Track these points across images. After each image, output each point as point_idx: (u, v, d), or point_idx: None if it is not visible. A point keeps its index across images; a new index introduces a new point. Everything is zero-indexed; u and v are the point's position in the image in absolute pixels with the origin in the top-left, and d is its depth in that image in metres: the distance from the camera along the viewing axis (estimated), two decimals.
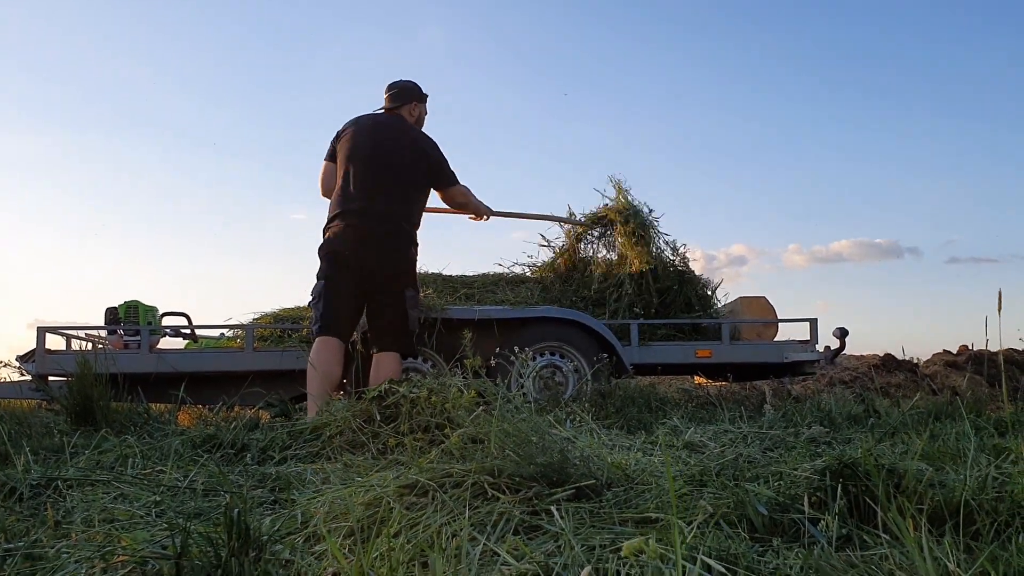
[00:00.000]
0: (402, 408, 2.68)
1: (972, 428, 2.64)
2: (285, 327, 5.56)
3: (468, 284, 5.94)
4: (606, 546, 1.41)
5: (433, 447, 2.19)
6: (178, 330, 6.12)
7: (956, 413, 3.57)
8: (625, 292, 5.66)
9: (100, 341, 5.69)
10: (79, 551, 1.36)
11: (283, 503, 1.93)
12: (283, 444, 2.82)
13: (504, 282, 6.06)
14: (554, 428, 2.38)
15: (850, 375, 6.58)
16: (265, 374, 5.07)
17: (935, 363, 6.94)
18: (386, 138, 4.30)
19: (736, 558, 1.27)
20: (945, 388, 5.89)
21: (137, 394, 4.54)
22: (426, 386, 2.70)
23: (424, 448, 2.30)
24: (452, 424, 2.40)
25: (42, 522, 1.70)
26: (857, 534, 1.44)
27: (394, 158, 4.25)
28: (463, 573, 1.14)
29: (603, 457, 2.09)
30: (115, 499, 1.96)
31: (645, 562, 1.18)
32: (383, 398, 2.80)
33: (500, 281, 6.07)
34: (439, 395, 2.61)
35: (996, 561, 1.19)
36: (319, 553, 1.40)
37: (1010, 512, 1.48)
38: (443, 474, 1.82)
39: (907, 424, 3.19)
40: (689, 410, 4.15)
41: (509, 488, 1.74)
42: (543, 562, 1.28)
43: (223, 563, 1.18)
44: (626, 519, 1.60)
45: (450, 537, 1.39)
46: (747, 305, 5.96)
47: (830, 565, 1.24)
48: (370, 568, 1.11)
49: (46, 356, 5.05)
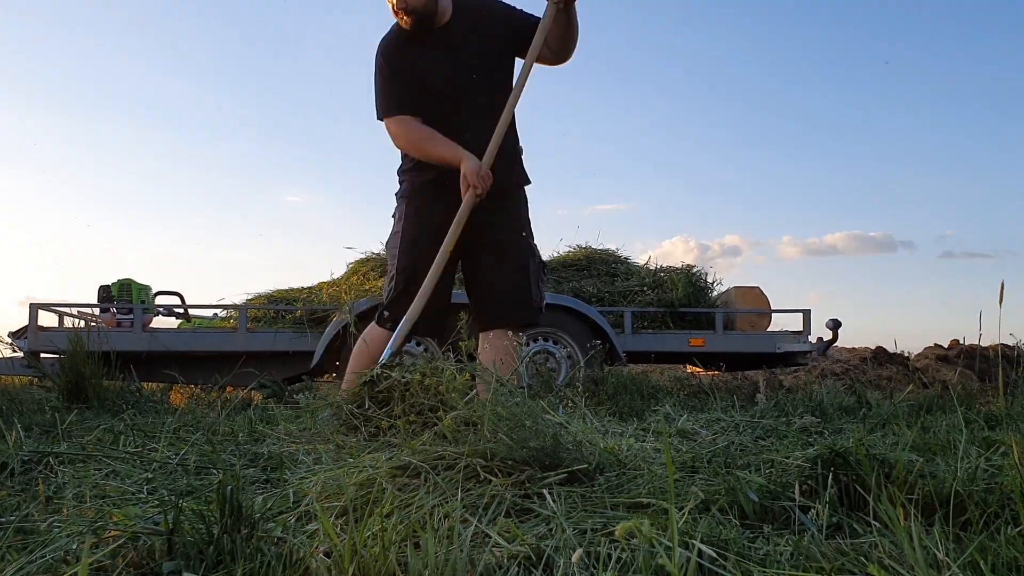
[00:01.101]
0: (395, 392, 2.67)
1: (963, 421, 2.65)
2: (279, 308, 5.55)
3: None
4: (598, 530, 1.41)
5: (426, 429, 2.19)
6: (171, 309, 6.11)
7: (947, 406, 3.58)
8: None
9: (93, 319, 5.68)
10: (70, 526, 1.36)
11: (275, 483, 1.93)
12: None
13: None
14: (547, 413, 2.39)
15: (841, 367, 6.60)
16: (258, 355, 5.07)
17: (926, 357, 6.97)
18: None
19: (727, 544, 1.28)
20: (936, 382, 5.92)
21: (129, 373, 4.54)
22: (419, 370, 2.69)
23: (417, 431, 2.30)
24: (445, 407, 2.40)
25: (33, 497, 1.70)
26: (847, 522, 1.45)
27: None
28: (455, 554, 1.14)
29: (595, 442, 2.10)
30: (106, 476, 1.96)
31: (637, 546, 1.19)
32: (375, 382, 2.79)
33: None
34: (432, 378, 2.60)
35: (985, 551, 1.19)
36: (311, 532, 1.40)
37: (1000, 503, 1.49)
38: (436, 456, 1.82)
39: (898, 416, 3.20)
40: (681, 398, 4.15)
41: (502, 471, 1.74)
42: (535, 544, 1.28)
43: (215, 540, 1.18)
44: (618, 504, 1.60)
45: (442, 518, 1.40)
46: (741, 295, 5.98)
47: (820, 552, 1.25)
48: (362, 547, 1.11)
49: (38, 333, 5.04)
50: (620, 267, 6.38)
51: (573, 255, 6.57)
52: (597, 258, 6.45)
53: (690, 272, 6.13)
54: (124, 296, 5.82)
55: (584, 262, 6.38)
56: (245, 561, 1.13)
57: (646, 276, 6.21)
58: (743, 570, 1.17)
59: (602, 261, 6.43)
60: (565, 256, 6.58)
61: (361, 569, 1.08)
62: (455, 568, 1.11)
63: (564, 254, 6.64)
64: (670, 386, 4.99)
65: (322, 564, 1.10)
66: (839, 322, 5.52)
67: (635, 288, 6.00)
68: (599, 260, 6.42)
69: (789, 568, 1.19)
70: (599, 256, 6.48)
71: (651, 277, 6.19)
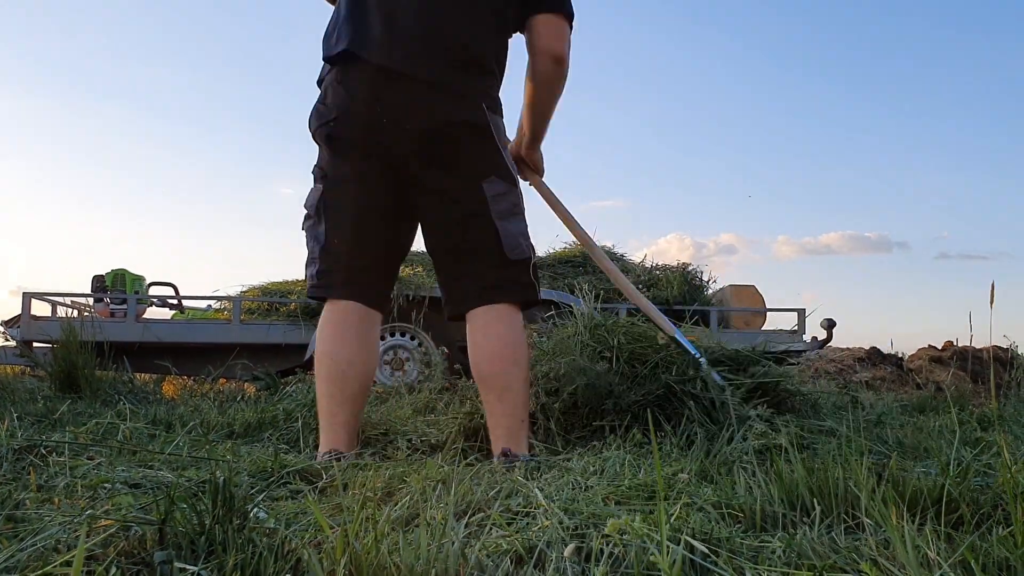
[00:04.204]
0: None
1: (956, 421, 2.66)
2: (273, 300, 5.55)
3: None
4: (590, 525, 1.41)
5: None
6: (165, 300, 6.10)
7: (940, 406, 3.59)
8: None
9: (86, 308, 5.67)
10: (62, 515, 1.36)
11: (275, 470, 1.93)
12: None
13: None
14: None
15: (835, 367, 6.60)
16: (252, 347, 5.06)
17: (920, 358, 6.98)
18: None
19: (719, 541, 1.28)
20: (929, 383, 5.93)
21: (122, 363, 4.53)
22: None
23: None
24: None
25: (24, 486, 1.69)
26: (840, 520, 1.45)
27: None
28: (447, 546, 1.14)
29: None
30: (98, 466, 1.95)
31: (629, 541, 1.19)
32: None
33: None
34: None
35: (976, 551, 1.20)
36: (304, 523, 1.40)
37: (992, 504, 1.49)
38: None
39: (892, 415, 3.21)
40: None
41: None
42: (527, 538, 1.28)
43: (207, 530, 1.18)
44: (609, 498, 1.60)
45: (436, 508, 1.40)
46: (736, 293, 5.99)
47: (812, 549, 1.25)
48: (355, 537, 1.11)
49: (31, 322, 5.02)
50: (616, 264, 6.39)
51: (569, 251, 6.57)
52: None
53: (686, 270, 6.15)
54: (118, 286, 5.80)
55: (580, 259, 6.39)
56: (237, 552, 1.12)
57: (642, 274, 6.22)
58: (734, 567, 1.18)
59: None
60: (561, 252, 6.58)
61: (353, 561, 1.07)
62: (447, 561, 1.11)
63: (560, 250, 6.65)
64: None
65: (314, 555, 1.10)
66: (833, 322, 5.54)
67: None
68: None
69: (781, 565, 1.19)
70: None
71: (647, 275, 6.20)
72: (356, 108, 2.25)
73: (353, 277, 2.34)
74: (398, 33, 2.25)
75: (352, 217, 2.32)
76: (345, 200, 2.32)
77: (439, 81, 2.24)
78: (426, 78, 2.23)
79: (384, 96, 2.23)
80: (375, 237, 2.34)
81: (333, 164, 2.34)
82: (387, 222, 2.36)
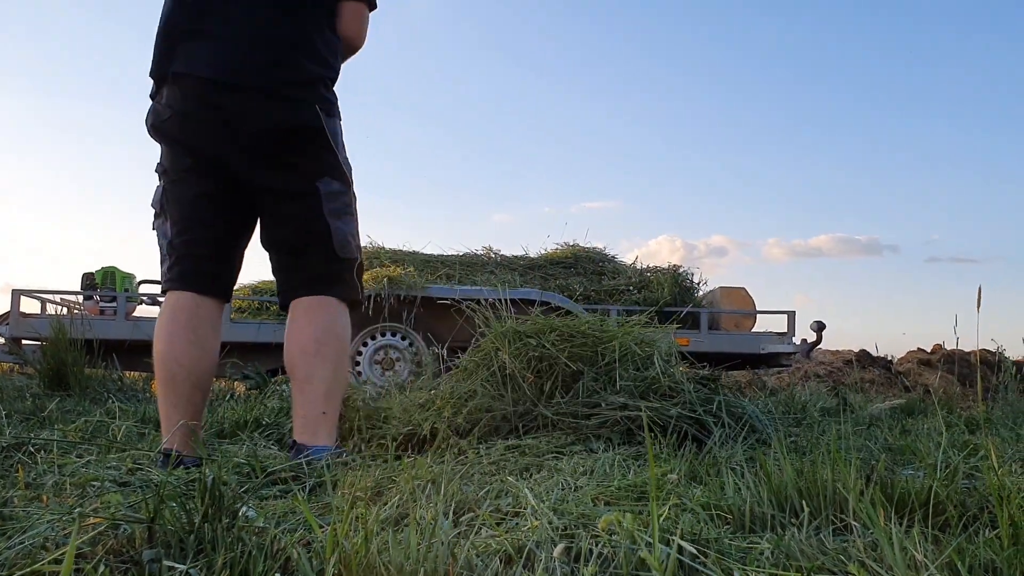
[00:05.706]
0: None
1: (944, 424, 2.68)
2: (263, 299, 5.54)
3: (448, 264, 5.94)
4: (580, 526, 1.41)
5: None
6: (155, 298, 6.08)
7: (928, 409, 3.61)
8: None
9: (76, 306, 5.64)
10: (51, 512, 1.35)
11: (256, 473, 1.92)
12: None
13: (480, 264, 6.09)
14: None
15: (825, 369, 6.63)
16: (242, 345, 5.05)
17: (909, 361, 7.02)
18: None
19: (708, 542, 1.28)
20: (918, 386, 5.96)
21: (112, 361, 4.51)
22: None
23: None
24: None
25: (12, 484, 1.69)
26: (828, 521, 1.46)
27: None
28: (437, 545, 1.14)
29: None
30: (87, 464, 1.94)
31: (618, 542, 1.19)
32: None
33: (476, 263, 6.10)
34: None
35: (963, 553, 1.21)
36: (294, 522, 1.40)
37: (978, 506, 1.51)
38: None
39: (880, 418, 3.22)
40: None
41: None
42: (517, 537, 1.28)
43: (196, 528, 1.17)
44: (599, 498, 1.61)
45: (425, 508, 1.40)
46: (726, 295, 6.00)
47: (800, 551, 1.26)
48: (344, 537, 1.11)
49: (20, 319, 4.99)
50: (607, 265, 6.41)
51: (560, 253, 6.58)
52: (584, 256, 6.48)
53: (677, 272, 6.17)
54: (108, 284, 5.78)
55: (571, 260, 6.40)
56: (226, 550, 1.12)
57: (632, 275, 6.23)
58: (723, 568, 1.18)
59: (589, 259, 6.45)
60: (552, 253, 6.59)
61: (342, 560, 1.07)
62: (436, 560, 1.11)
63: (551, 251, 6.65)
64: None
65: (303, 554, 1.10)
66: (823, 324, 5.57)
67: (622, 287, 6.02)
68: (586, 258, 6.45)
69: (769, 567, 1.20)
70: (586, 254, 6.51)
71: (638, 276, 6.21)
72: (189, 110, 2.27)
73: (191, 266, 2.34)
74: (226, 44, 2.28)
75: (189, 207, 2.33)
76: (184, 193, 2.34)
77: (271, 88, 2.28)
78: (258, 86, 2.27)
79: (218, 103, 2.25)
80: (211, 223, 2.35)
81: (171, 160, 2.36)
82: (222, 209, 2.37)
